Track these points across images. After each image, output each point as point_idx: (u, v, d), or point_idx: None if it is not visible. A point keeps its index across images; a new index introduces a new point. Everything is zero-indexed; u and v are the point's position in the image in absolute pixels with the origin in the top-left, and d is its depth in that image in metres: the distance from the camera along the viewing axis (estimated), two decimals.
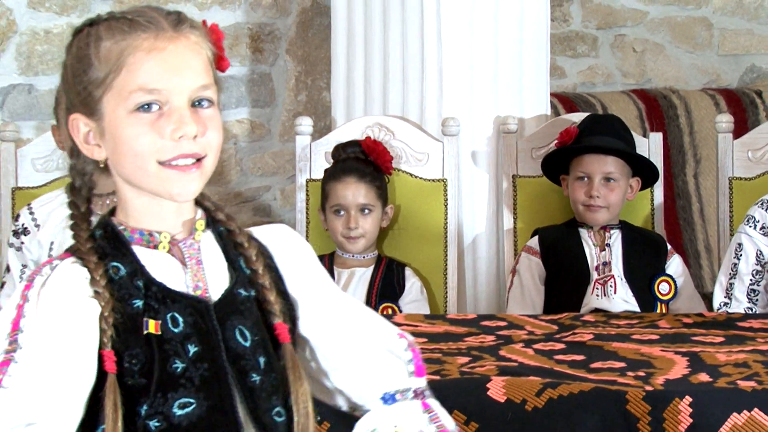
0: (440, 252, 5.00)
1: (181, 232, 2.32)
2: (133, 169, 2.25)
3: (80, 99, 2.28)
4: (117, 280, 2.23)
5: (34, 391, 2.12)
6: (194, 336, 2.24)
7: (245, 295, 2.33)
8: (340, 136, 5.02)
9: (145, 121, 2.20)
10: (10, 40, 5.55)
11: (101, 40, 2.23)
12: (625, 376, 3.28)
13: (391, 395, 2.41)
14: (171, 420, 2.20)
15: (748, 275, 4.45)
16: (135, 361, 2.19)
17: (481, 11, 5.19)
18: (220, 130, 2.27)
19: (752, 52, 7.07)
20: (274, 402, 2.30)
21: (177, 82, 2.21)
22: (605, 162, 4.69)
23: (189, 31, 2.26)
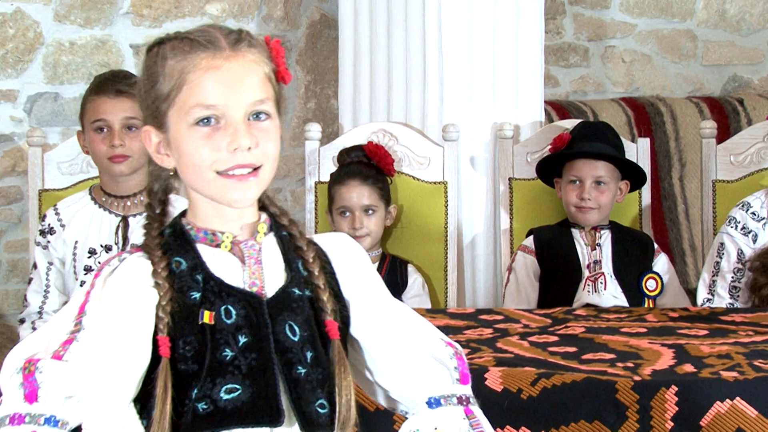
0: (441, 250, 5.00)
1: (243, 233, 2.37)
2: (194, 178, 2.32)
3: (150, 112, 2.34)
4: (178, 273, 2.30)
5: (90, 366, 2.19)
6: (245, 328, 2.29)
7: (299, 294, 2.36)
8: (346, 142, 5.02)
9: (204, 135, 2.27)
10: (38, 51, 5.55)
11: (166, 59, 2.30)
12: (614, 366, 3.28)
13: (436, 400, 2.41)
14: (217, 404, 2.24)
15: (729, 273, 4.45)
16: (188, 347, 2.25)
17: (480, 24, 5.19)
18: (277, 141, 2.32)
19: (734, 62, 7.07)
20: (318, 395, 2.31)
21: (233, 97, 2.27)
22: (596, 166, 4.69)
23: (246, 49, 2.30)
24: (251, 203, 2.35)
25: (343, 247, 2.47)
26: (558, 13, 6.76)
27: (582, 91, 6.85)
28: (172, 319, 2.25)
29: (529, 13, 5.28)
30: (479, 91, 5.23)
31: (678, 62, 7.00)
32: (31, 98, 5.55)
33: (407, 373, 2.43)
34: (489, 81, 5.24)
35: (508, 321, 3.90)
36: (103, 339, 2.21)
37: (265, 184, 2.33)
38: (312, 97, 6.17)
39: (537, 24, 5.32)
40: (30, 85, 5.54)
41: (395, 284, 4.74)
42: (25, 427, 2.15)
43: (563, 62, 6.84)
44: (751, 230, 4.45)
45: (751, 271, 4.41)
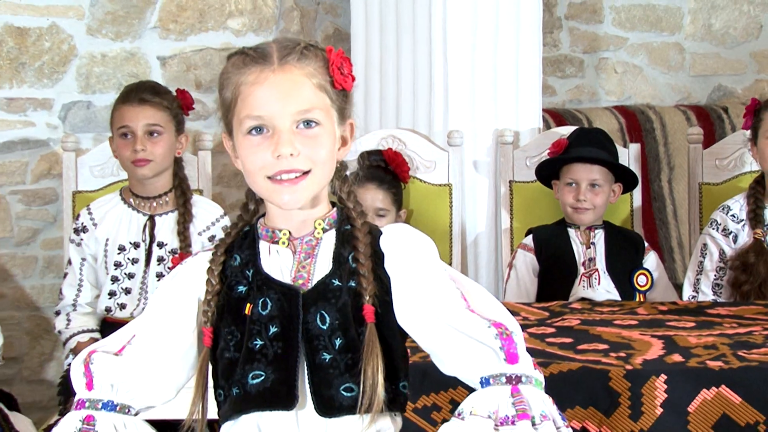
0: (446, 248, 5.00)
1: (303, 229, 2.41)
2: (251, 182, 2.38)
3: (223, 120, 2.42)
4: (231, 268, 2.37)
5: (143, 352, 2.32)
6: (277, 318, 2.33)
7: (338, 285, 2.37)
8: (358, 146, 4.99)
9: (254, 143, 2.33)
10: (71, 63, 5.55)
11: (229, 73, 2.37)
12: (608, 356, 3.27)
13: (486, 379, 2.34)
14: (245, 388, 2.31)
15: (712, 271, 4.44)
16: (230, 337, 2.32)
17: (482, 37, 5.19)
18: (326, 146, 2.36)
19: (719, 73, 7.05)
20: (345, 378, 2.32)
21: (278, 108, 2.31)
22: (591, 170, 4.69)
23: (295, 62, 2.34)
24: (301, 204, 2.36)
25: (394, 236, 2.44)
26: (555, 27, 6.75)
27: (577, 99, 6.84)
28: (218, 312, 2.32)
29: (528, 27, 5.27)
30: (482, 100, 5.23)
31: (667, 73, 6.99)
32: (65, 106, 5.54)
33: (451, 357, 2.38)
34: (491, 90, 5.24)
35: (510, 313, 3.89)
36: (156, 325, 2.32)
37: (317, 186, 2.36)
38: None
39: (535, 37, 5.31)
40: (64, 94, 5.54)
41: None
42: (84, 411, 2.29)
43: (560, 73, 6.83)
44: (732, 231, 4.44)
45: (732, 269, 4.40)
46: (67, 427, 2.29)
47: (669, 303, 4.13)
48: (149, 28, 5.68)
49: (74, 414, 2.31)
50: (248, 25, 5.90)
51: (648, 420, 3.09)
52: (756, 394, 3.09)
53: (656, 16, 6.95)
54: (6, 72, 5.41)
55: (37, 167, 5.52)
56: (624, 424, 3.10)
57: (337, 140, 2.42)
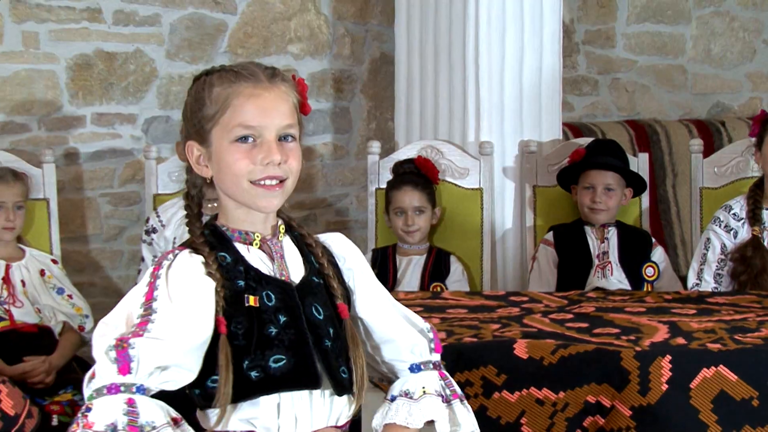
0: (477, 244, 4.98)
1: (268, 233, 2.39)
2: (231, 185, 2.33)
3: (195, 130, 2.34)
4: (225, 266, 2.31)
5: (167, 344, 2.18)
6: (283, 309, 2.31)
7: (317, 282, 2.40)
8: (401, 156, 5.03)
9: (243, 150, 2.29)
10: (153, 83, 5.56)
11: (213, 86, 2.31)
12: (619, 339, 3.24)
13: (417, 365, 2.52)
14: (267, 371, 2.26)
15: (714, 262, 4.41)
16: (239, 326, 2.26)
17: (510, 59, 5.17)
18: (299, 160, 2.35)
19: (717, 92, 7.02)
20: (340, 362, 2.35)
21: (268, 121, 2.29)
22: (605, 176, 4.69)
23: (280, 82, 2.33)
24: (276, 209, 2.37)
25: (342, 244, 2.52)
26: (573, 52, 6.73)
27: (592, 114, 6.81)
28: (225, 303, 2.27)
29: (549, 51, 5.25)
30: (509, 115, 5.21)
31: (671, 91, 6.95)
32: (147, 121, 5.56)
33: (397, 343, 2.51)
34: (517, 106, 5.22)
35: (532, 302, 3.87)
36: (175, 320, 2.21)
37: (288, 193, 2.36)
38: (373, 120, 6.16)
39: (556, 60, 5.29)
40: (147, 110, 5.55)
41: (440, 272, 4.74)
42: (122, 395, 2.15)
43: (577, 91, 6.80)
44: (732, 228, 4.42)
45: (732, 261, 4.38)
46: (110, 410, 2.14)
47: (673, 293, 4.11)
48: (220, 53, 5.69)
49: (112, 399, 2.14)
50: (306, 49, 5.90)
51: (655, 395, 3.06)
52: (750, 372, 3.07)
53: (662, 41, 6.92)
54: (97, 91, 5.42)
55: (123, 173, 5.54)
56: (633, 398, 3.08)
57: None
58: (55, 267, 4.66)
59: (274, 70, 2.34)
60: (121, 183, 5.54)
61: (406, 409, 2.45)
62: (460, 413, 2.50)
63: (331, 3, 5.98)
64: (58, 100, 5.34)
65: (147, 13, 5.51)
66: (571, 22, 6.71)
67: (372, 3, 6.09)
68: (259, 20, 5.78)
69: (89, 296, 4.85)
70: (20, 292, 4.48)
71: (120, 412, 2.13)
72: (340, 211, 6.15)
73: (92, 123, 5.44)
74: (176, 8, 5.57)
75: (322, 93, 6.05)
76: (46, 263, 4.63)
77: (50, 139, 5.31)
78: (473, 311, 3.67)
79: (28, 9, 5.22)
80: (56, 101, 5.34)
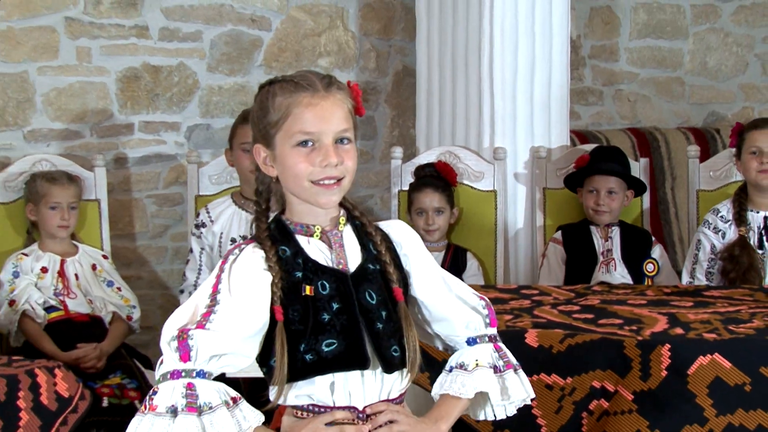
0: (492, 241, 4.98)
1: (329, 225, 2.41)
2: (293, 185, 2.36)
3: (261, 134, 2.39)
4: (284, 258, 2.35)
5: (223, 334, 2.24)
6: (336, 296, 2.34)
7: (372, 269, 2.40)
8: (421, 161, 5.03)
9: (303, 153, 2.33)
10: (195, 94, 5.57)
11: (276, 96, 2.35)
12: (622, 329, 3.24)
13: (473, 339, 2.52)
14: (320, 354, 2.30)
15: (705, 262, 4.42)
16: (296, 313, 2.30)
17: (522, 72, 5.17)
18: (354, 160, 2.39)
19: (713, 101, 7.00)
20: (392, 342, 2.36)
21: (325, 127, 2.33)
22: (609, 180, 4.69)
23: (336, 90, 2.36)
24: (335, 204, 2.40)
25: (400, 230, 2.52)
26: (580, 65, 6.71)
27: (598, 123, 6.80)
28: (283, 293, 2.30)
29: (558, 64, 5.24)
30: (521, 123, 5.20)
31: (670, 101, 6.93)
32: (189, 128, 5.57)
33: (452, 320, 2.51)
34: (528, 115, 5.21)
35: (542, 294, 3.87)
36: (235, 310, 2.27)
37: (346, 189, 2.39)
38: (396, 127, 6.15)
39: (564, 73, 5.28)
40: (189, 118, 5.56)
41: (457, 267, 4.75)
42: (182, 380, 2.22)
43: (584, 101, 6.79)
44: (720, 230, 4.42)
45: (721, 260, 4.38)
46: (171, 393, 2.22)
47: (672, 286, 4.11)
48: (256, 66, 5.70)
49: (174, 383, 2.22)
50: (334, 63, 5.90)
51: (655, 381, 3.06)
52: (743, 360, 3.07)
53: (662, 56, 6.90)
54: (143, 101, 5.44)
55: (167, 176, 5.55)
56: (635, 383, 3.08)
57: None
58: (105, 262, 4.68)
59: (330, 79, 2.37)
60: (166, 185, 5.56)
61: (460, 381, 2.46)
62: (512, 383, 2.50)
63: (357, 20, 5.99)
64: (109, 110, 5.36)
65: (190, 30, 5.52)
66: (578, 37, 6.70)
67: (395, 20, 6.09)
68: (291, 36, 5.79)
69: (136, 288, 4.87)
70: (74, 285, 4.50)
71: (179, 395, 2.21)
72: (366, 211, 6.15)
73: (139, 130, 5.46)
74: (216, 25, 5.58)
75: None
76: (97, 258, 4.65)
77: (101, 145, 5.33)
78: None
79: (81, 26, 5.24)
80: (107, 110, 5.36)
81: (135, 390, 4.18)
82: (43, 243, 4.55)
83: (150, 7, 5.40)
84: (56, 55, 5.20)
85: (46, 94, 5.19)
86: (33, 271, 4.46)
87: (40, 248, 4.54)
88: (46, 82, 5.19)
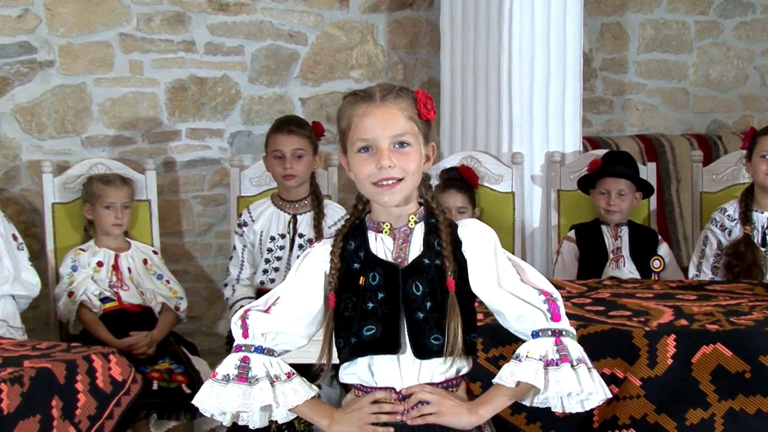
0: (510, 239, 4.98)
1: (401, 222, 2.44)
2: (361, 187, 2.44)
3: (340, 143, 2.47)
4: (347, 251, 2.42)
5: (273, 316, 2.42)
6: (384, 287, 2.38)
7: (428, 263, 2.40)
8: (446, 164, 5.04)
9: (364, 158, 2.39)
10: (237, 103, 5.58)
11: (344, 108, 2.44)
12: (631, 320, 3.23)
13: (535, 332, 2.43)
14: (361, 338, 2.37)
15: (711, 257, 4.41)
16: (349, 301, 2.38)
17: (538, 83, 5.16)
18: (415, 161, 2.40)
19: (715, 111, 6.96)
20: (434, 331, 2.36)
21: (380, 133, 2.37)
22: (619, 182, 4.67)
23: (392, 100, 2.40)
24: (397, 203, 2.41)
25: (470, 228, 2.47)
26: (592, 76, 6.69)
27: (608, 130, 6.77)
28: (339, 283, 2.39)
29: (571, 75, 5.23)
30: (537, 130, 5.20)
31: (675, 110, 6.90)
32: (232, 134, 5.59)
33: (504, 314, 2.45)
34: (543, 122, 5.20)
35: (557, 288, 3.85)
36: (291, 295, 2.42)
37: (407, 190, 2.40)
38: None
39: (577, 83, 5.27)
40: (232, 125, 5.58)
41: None
42: (241, 353, 2.41)
43: (595, 110, 6.76)
44: (727, 227, 4.40)
45: (726, 256, 4.37)
46: (230, 364, 2.40)
47: (677, 281, 4.09)
48: (293, 77, 5.71)
49: (234, 355, 2.41)
50: (365, 74, 5.91)
51: (661, 368, 3.05)
52: (743, 349, 3.06)
53: (668, 68, 6.87)
54: (190, 109, 5.46)
55: (211, 179, 5.57)
56: (643, 371, 3.06)
57: (422, 157, 2.45)
58: (155, 257, 4.70)
59: (389, 90, 2.41)
60: (210, 187, 5.57)
61: (509, 370, 2.39)
62: (563, 377, 2.37)
63: (386, 35, 5.99)
64: (158, 118, 5.38)
65: (232, 45, 5.54)
66: (590, 51, 6.68)
67: (421, 35, 6.08)
68: (326, 50, 5.80)
69: (183, 281, 4.89)
70: (127, 278, 4.52)
71: (233, 366, 2.39)
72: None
73: (186, 136, 5.48)
74: (257, 40, 5.60)
75: None
76: (148, 254, 4.67)
77: (152, 150, 5.35)
78: None
79: (134, 42, 5.26)
80: (157, 118, 5.38)
81: (182, 374, 4.19)
82: (98, 239, 4.58)
83: (196, 23, 5.42)
84: (111, 67, 5.23)
85: (102, 104, 5.22)
86: (90, 265, 4.49)
87: (96, 244, 4.57)
88: (101, 92, 5.21)
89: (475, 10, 5.32)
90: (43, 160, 4.85)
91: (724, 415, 3.04)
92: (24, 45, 4.95)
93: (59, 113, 5.11)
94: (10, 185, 4.94)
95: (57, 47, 5.05)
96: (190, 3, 5.41)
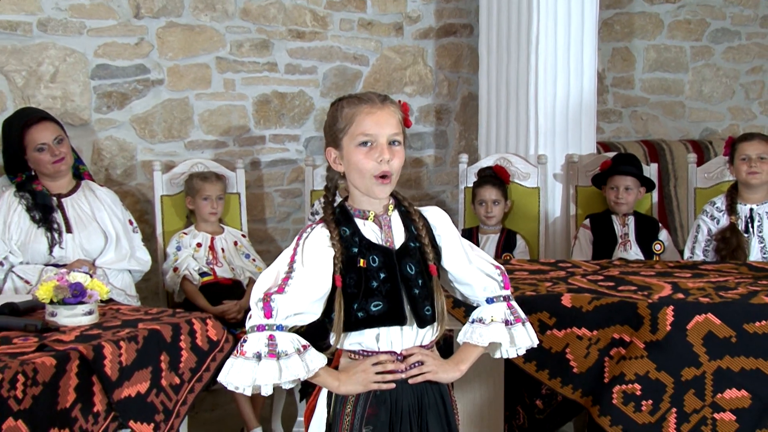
0: (535, 226, 4.95)
1: (380, 210, 2.37)
2: (356, 179, 2.33)
3: (332, 139, 2.35)
4: (345, 237, 2.31)
5: (297, 298, 2.25)
6: (383, 268, 2.30)
7: (413, 246, 2.36)
8: (482, 164, 5.03)
9: (364, 152, 2.30)
10: (311, 113, 5.60)
11: (344, 108, 2.32)
12: (636, 294, 3.20)
13: (490, 299, 2.46)
14: (369, 312, 2.29)
15: (703, 242, 4.37)
16: (351, 281, 2.28)
17: (560, 97, 5.15)
18: (402, 159, 2.33)
19: (707, 120, 6.90)
20: (426, 304, 2.33)
21: (380, 130, 2.29)
22: (626, 179, 4.65)
23: (390, 104, 2.33)
24: (386, 195, 2.34)
25: (436, 215, 2.44)
26: (604, 92, 6.65)
27: (617, 136, 6.72)
28: (342, 265, 2.28)
29: (587, 91, 5.21)
30: (558, 135, 5.18)
31: (674, 120, 6.83)
32: (307, 139, 5.60)
33: (473, 285, 2.45)
34: (564, 130, 5.18)
35: (575, 267, 3.83)
36: (307, 277, 2.26)
37: (394, 184, 2.34)
38: (462, 139, 6.14)
39: (592, 97, 5.24)
40: (307, 132, 5.60)
41: (509, 245, 4.74)
42: (265, 332, 2.24)
43: (607, 120, 6.72)
44: (716, 217, 4.36)
45: (715, 241, 4.33)
46: (257, 343, 2.24)
47: (674, 262, 4.04)
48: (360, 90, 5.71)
49: (259, 334, 2.24)
50: (416, 90, 5.91)
51: (661, 333, 3.03)
52: (730, 318, 3.03)
53: (667, 84, 6.82)
54: (273, 119, 5.48)
55: (290, 176, 5.59)
56: (646, 336, 3.04)
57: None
58: (244, 240, 4.73)
59: (386, 96, 2.34)
60: (289, 182, 5.60)
61: (479, 332, 2.43)
62: (519, 334, 2.45)
63: (434, 58, 5.98)
64: (247, 126, 5.41)
65: (307, 66, 5.55)
66: (603, 70, 6.65)
67: (463, 57, 6.07)
68: (384, 70, 5.80)
69: (266, 260, 4.90)
70: (221, 257, 4.56)
71: (263, 345, 2.23)
72: (440, 203, 6.14)
73: (270, 141, 5.50)
74: (327, 62, 5.61)
75: (427, 120, 6.04)
76: (238, 237, 4.71)
77: (241, 152, 5.38)
78: (533, 273, 3.64)
79: (227, 63, 5.29)
80: (245, 126, 5.41)
81: None
82: (198, 225, 4.62)
83: (278, 48, 5.45)
84: (209, 85, 5.26)
85: (201, 114, 5.26)
86: (191, 246, 4.53)
87: (196, 229, 4.61)
88: (201, 105, 5.25)
89: (508, 36, 5.31)
90: (154, 160, 4.90)
91: (713, 373, 3.01)
92: (140, 67, 5.00)
93: (167, 122, 5.16)
94: (128, 180, 5.00)
95: (166, 68, 5.09)
96: (273, 31, 5.43)
